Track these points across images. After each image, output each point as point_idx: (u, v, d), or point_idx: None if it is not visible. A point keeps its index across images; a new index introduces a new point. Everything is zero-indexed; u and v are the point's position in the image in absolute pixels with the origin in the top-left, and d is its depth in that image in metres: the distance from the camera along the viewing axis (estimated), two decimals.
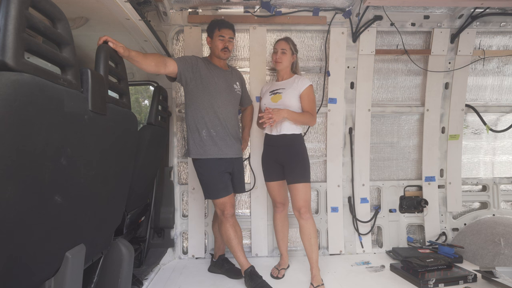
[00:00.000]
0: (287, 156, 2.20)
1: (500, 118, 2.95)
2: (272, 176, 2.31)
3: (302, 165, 2.18)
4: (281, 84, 2.29)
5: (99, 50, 1.17)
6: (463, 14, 2.65)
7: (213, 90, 2.12)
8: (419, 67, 2.80)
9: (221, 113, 2.13)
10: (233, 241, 2.11)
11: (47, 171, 0.81)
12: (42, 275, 0.88)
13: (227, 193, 2.11)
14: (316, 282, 2.11)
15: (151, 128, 2.19)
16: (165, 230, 2.69)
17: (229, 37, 2.16)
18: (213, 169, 2.09)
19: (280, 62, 2.23)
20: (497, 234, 2.43)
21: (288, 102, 2.20)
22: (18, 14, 0.69)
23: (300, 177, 2.15)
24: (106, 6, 1.51)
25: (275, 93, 2.27)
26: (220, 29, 2.13)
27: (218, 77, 2.17)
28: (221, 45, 2.14)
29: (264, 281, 2.07)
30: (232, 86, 2.25)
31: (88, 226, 1.10)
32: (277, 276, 2.30)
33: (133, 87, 4.20)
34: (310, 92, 2.21)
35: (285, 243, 2.42)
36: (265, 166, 2.35)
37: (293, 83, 2.24)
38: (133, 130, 1.40)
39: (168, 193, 2.70)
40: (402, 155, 2.90)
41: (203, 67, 2.13)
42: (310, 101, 2.22)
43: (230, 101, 2.21)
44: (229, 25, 2.17)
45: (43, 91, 0.76)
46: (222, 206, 2.11)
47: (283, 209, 2.39)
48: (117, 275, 1.29)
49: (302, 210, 2.12)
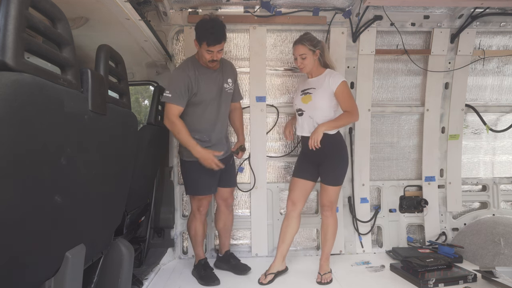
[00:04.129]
0: (324, 156, 2.18)
1: (500, 118, 2.95)
2: (302, 173, 2.29)
3: (335, 168, 2.20)
4: (312, 82, 2.23)
5: (99, 50, 1.17)
6: (463, 14, 2.65)
7: (206, 98, 2.15)
8: (419, 67, 2.80)
9: (211, 117, 2.19)
10: (199, 237, 2.33)
11: (47, 171, 0.81)
12: (42, 275, 0.88)
13: (209, 192, 2.26)
14: (323, 271, 2.23)
15: (151, 128, 2.19)
16: (165, 230, 2.69)
17: (218, 50, 2.03)
18: (200, 170, 2.14)
19: (303, 67, 2.17)
20: (497, 234, 2.43)
21: (318, 104, 2.16)
22: (18, 14, 0.69)
23: (332, 180, 2.20)
24: (106, 6, 1.51)
25: (306, 93, 2.23)
26: (208, 45, 1.99)
27: (208, 82, 2.14)
28: (208, 57, 2.05)
29: (214, 274, 2.25)
30: (223, 87, 2.22)
31: (88, 226, 1.10)
32: (261, 282, 2.17)
33: (133, 87, 4.20)
34: (345, 88, 2.13)
35: (284, 245, 2.27)
36: (298, 162, 2.37)
37: (324, 82, 2.17)
38: (133, 130, 1.40)
39: (168, 193, 2.70)
40: (402, 155, 2.90)
41: (193, 79, 2.09)
42: (346, 99, 2.14)
43: (222, 103, 2.23)
44: (219, 40, 2.00)
45: (43, 91, 0.76)
46: (199, 202, 2.26)
47: (292, 208, 2.26)
48: (117, 275, 1.29)
49: (325, 208, 2.25)
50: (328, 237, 2.26)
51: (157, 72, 2.69)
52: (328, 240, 2.27)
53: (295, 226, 2.27)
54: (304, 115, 2.23)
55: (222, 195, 2.38)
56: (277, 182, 2.80)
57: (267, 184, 2.76)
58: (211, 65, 2.11)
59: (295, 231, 2.28)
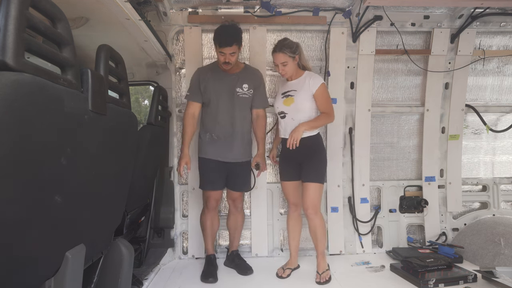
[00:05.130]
0: (305, 156, 2.23)
1: (500, 118, 2.95)
2: (287, 175, 2.36)
3: (317, 165, 2.23)
4: (293, 84, 2.28)
5: (99, 50, 1.17)
6: (463, 14, 2.65)
7: (213, 97, 2.29)
8: (419, 67, 2.80)
9: (222, 118, 2.28)
10: (206, 231, 2.42)
11: (47, 171, 0.80)
12: (42, 275, 0.88)
13: (212, 188, 2.35)
14: (321, 269, 2.24)
15: (151, 128, 2.19)
16: (165, 230, 2.69)
17: (230, 53, 2.16)
18: (207, 166, 2.35)
19: (285, 73, 2.23)
20: (497, 234, 2.43)
21: (301, 106, 2.21)
22: (18, 14, 0.69)
23: (314, 177, 2.21)
24: (106, 6, 1.51)
25: (287, 95, 2.27)
26: (220, 47, 2.15)
27: (221, 82, 2.28)
28: (221, 60, 2.21)
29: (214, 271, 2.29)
30: (235, 90, 2.30)
31: (88, 226, 1.10)
32: (281, 276, 2.30)
33: (133, 87, 4.19)
34: (323, 90, 2.21)
35: (295, 243, 2.41)
36: (282, 165, 2.41)
37: (304, 84, 2.22)
38: (133, 130, 1.40)
39: (168, 193, 2.70)
40: (402, 155, 2.90)
41: (206, 77, 2.27)
42: (324, 101, 2.21)
43: (233, 105, 2.29)
44: (229, 43, 2.12)
45: (43, 91, 0.76)
46: (206, 198, 2.40)
47: (295, 209, 2.40)
48: (117, 275, 1.29)
49: (308, 209, 2.23)
50: (319, 237, 2.27)
51: (157, 72, 2.69)
52: (319, 239, 2.28)
53: (300, 224, 2.43)
54: (286, 117, 2.28)
55: (231, 196, 2.48)
56: (277, 182, 2.80)
57: (267, 184, 2.76)
58: (225, 67, 2.25)
59: (300, 228, 2.44)
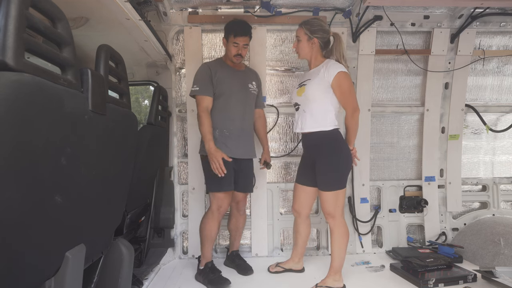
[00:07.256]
0: (315, 157, 1.97)
1: (500, 118, 2.95)
2: (299, 178, 2.19)
3: (329, 169, 1.91)
4: (310, 73, 2.04)
5: (99, 50, 1.17)
6: (463, 14, 2.65)
7: (227, 91, 2.19)
8: (419, 67, 2.80)
9: (234, 113, 2.20)
10: (212, 237, 2.21)
11: (47, 171, 0.81)
12: (42, 275, 0.88)
13: (230, 188, 2.16)
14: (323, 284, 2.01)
15: (151, 128, 2.19)
16: (165, 230, 2.69)
17: (243, 44, 2.16)
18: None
19: (296, 50, 2.05)
20: (497, 234, 2.43)
21: (311, 95, 1.94)
22: (18, 14, 0.69)
23: (325, 184, 1.92)
24: (106, 6, 1.51)
25: (302, 85, 2.04)
26: (235, 37, 2.13)
27: (232, 77, 2.22)
28: (234, 51, 2.17)
29: (223, 276, 2.15)
30: (247, 85, 2.28)
31: (88, 226, 1.10)
32: (269, 270, 2.30)
33: (133, 87, 4.20)
34: (342, 81, 1.85)
35: (297, 247, 2.34)
36: (299, 165, 2.25)
37: (319, 72, 1.94)
38: (133, 130, 1.40)
39: (168, 193, 2.70)
40: (402, 155, 2.90)
41: (213, 70, 2.18)
42: (344, 93, 1.87)
43: (245, 100, 2.25)
44: (245, 32, 2.14)
45: (43, 91, 0.76)
46: (220, 201, 2.16)
47: (297, 215, 2.25)
48: (117, 275, 1.29)
49: (326, 216, 2.02)
50: (334, 248, 1.97)
51: (157, 72, 2.69)
52: (334, 251, 1.97)
53: (305, 229, 2.30)
54: (299, 109, 2.06)
55: (235, 198, 2.36)
56: (277, 182, 2.81)
57: (267, 184, 2.76)
58: (236, 60, 2.20)
59: (306, 233, 2.31)
